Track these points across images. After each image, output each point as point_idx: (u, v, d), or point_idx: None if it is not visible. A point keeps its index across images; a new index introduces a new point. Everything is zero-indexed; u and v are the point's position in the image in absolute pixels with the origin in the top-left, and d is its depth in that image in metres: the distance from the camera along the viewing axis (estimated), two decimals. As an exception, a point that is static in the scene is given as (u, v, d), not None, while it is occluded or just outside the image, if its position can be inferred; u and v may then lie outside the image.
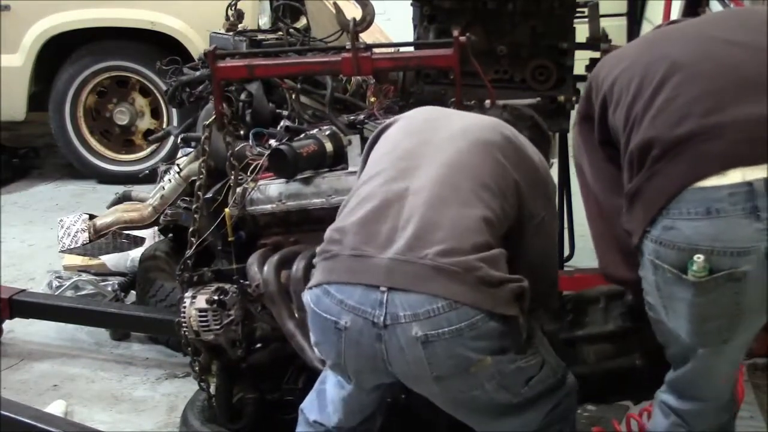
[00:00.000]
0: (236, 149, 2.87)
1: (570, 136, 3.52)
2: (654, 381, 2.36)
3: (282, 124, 3.01)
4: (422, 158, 2.22)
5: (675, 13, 4.67)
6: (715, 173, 1.98)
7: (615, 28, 5.80)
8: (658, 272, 2.09)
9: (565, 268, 3.87)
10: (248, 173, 2.84)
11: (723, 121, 2.02)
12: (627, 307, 2.58)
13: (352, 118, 2.93)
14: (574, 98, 3.41)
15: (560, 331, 2.65)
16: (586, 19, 3.50)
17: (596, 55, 3.51)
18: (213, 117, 2.87)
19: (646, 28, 6.23)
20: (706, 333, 2.10)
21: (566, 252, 3.93)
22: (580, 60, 3.51)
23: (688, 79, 2.11)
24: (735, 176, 1.97)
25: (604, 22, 3.53)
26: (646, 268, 2.13)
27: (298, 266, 2.65)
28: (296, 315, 2.66)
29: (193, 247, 2.82)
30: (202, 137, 2.89)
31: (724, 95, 2.05)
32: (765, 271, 1.96)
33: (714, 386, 2.23)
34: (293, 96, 3.14)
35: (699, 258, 1.97)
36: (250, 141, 2.96)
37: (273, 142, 2.93)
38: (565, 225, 3.88)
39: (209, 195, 2.88)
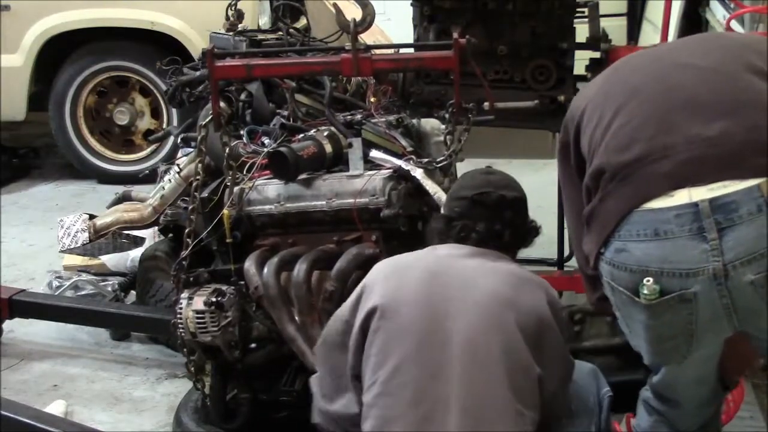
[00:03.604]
0: (232, 148, 2.86)
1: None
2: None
3: (275, 120, 3.00)
4: (446, 351, 2.00)
5: (675, 13, 4.66)
6: (663, 194, 2.00)
7: (615, 28, 5.81)
8: (615, 294, 2.11)
9: (565, 268, 3.87)
10: (244, 171, 2.83)
11: (670, 142, 2.03)
12: None
13: (349, 117, 2.93)
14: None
15: (567, 341, 2.65)
16: (586, 19, 3.50)
17: (596, 55, 3.52)
18: (209, 117, 2.87)
19: (646, 28, 6.23)
20: (664, 352, 2.13)
21: (566, 252, 3.92)
22: (580, 60, 3.51)
23: (641, 104, 2.13)
24: (682, 197, 1.98)
25: (604, 22, 3.53)
26: (606, 289, 2.15)
27: (299, 269, 2.64)
28: (296, 319, 2.65)
29: (189, 248, 2.82)
30: (198, 137, 2.89)
31: (673, 117, 2.07)
32: (715, 290, 1.96)
33: (687, 391, 2.25)
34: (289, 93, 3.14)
35: (648, 281, 1.99)
36: (244, 139, 2.95)
37: (267, 140, 2.93)
38: (565, 225, 3.87)
39: (205, 194, 2.87)
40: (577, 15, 3.48)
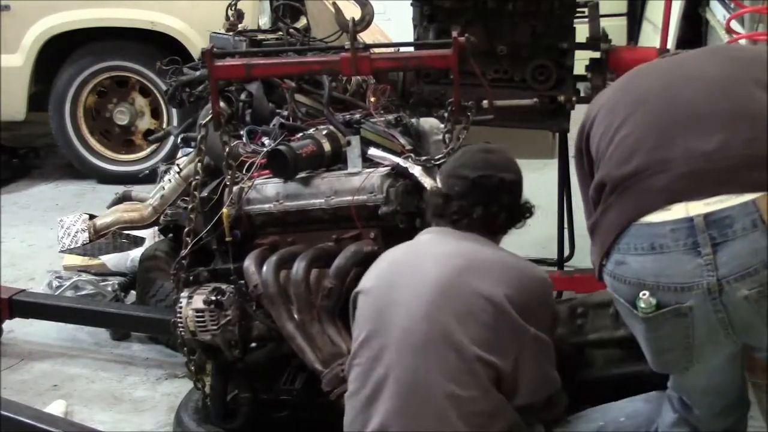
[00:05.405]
0: (232, 148, 2.86)
1: (570, 135, 3.52)
2: (662, 388, 2.38)
3: (275, 120, 3.00)
4: (387, 337, 2.18)
5: (675, 13, 4.67)
6: (660, 208, 2.01)
7: (615, 28, 5.82)
8: (618, 305, 2.14)
9: (565, 268, 3.87)
10: (243, 171, 2.84)
11: (668, 155, 2.04)
12: None
13: (348, 117, 2.93)
14: (574, 98, 3.42)
15: (570, 335, 2.66)
16: (586, 19, 3.50)
17: (596, 55, 3.52)
18: (209, 117, 2.87)
19: (646, 28, 6.24)
20: (665, 363, 2.14)
21: (566, 252, 3.92)
22: (580, 60, 3.51)
23: (645, 115, 2.14)
24: (678, 211, 1.99)
25: (604, 22, 3.53)
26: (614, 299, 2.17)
27: (298, 267, 2.65)
28: (296, 317, 2.65)
29: (188, 247, 2.82)
30: (198, 136, 2.89)
31: (673, 130, 2.08)
32: (710, 305, 1.97)
33: (697, 399, 2.24)
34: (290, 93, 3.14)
35: (644, 294, 2.01)
36: (244, 138, 2.96)
37: (266, 140, 2.93)
38: (565, 225, 3.88)
39: (204, 194, 2.87)
40: (577, 15, 3.48)
